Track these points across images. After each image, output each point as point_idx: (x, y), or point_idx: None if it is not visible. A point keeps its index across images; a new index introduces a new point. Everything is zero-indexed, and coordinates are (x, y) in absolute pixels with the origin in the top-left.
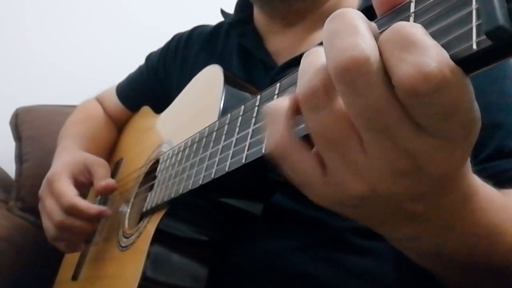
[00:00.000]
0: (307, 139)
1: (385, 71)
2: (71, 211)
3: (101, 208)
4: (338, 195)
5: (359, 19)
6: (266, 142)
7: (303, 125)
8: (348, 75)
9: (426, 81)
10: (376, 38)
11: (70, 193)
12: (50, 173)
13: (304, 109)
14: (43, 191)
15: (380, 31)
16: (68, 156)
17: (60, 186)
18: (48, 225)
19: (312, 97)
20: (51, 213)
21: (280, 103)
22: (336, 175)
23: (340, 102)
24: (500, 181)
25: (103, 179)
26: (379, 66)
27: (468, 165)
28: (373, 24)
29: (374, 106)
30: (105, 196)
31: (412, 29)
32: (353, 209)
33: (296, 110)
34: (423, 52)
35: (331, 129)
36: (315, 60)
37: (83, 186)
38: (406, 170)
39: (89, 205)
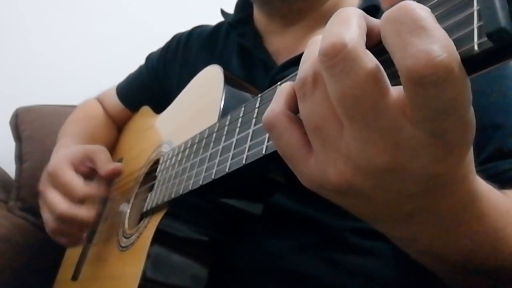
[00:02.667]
0: None
1: (366, 60)
2: (88, 198)
3: (114, 166)
4: (319, 179)
5: (354, 14)
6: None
7: None
8: (326, 60)
9: (435, 71)
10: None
11: (80, 183)
12: (50, 166)
13: (297, 96)
14: (43, 184)
15: None
16: (67, 150)
17: (68, 178)
18: (48, 218)
19: (302, 85)
20: (53, 205)
21: (286, 83)
22: (319, 159)
23: (323, 90)
24: (500, 181)
25: (106, 164)
26: (358, 54)
27: (470, 170)
28: (375, 20)
29: (350, 92)
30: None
31: (423, 12)
32: (336, 196)
33: None
34: (434, 40)
35: (314, 116)
36: (314, 50)
37: (84, 176)
38: (386, 166)
39: (99, 186)
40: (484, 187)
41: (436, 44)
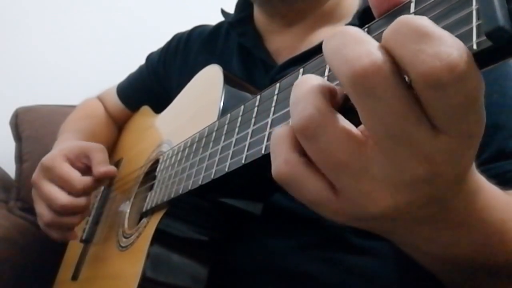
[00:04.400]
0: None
1: (399, 72)
2: (87, 190)
3: (108, 169)
4: (354, 213)
5: (361, 31)
6: (272, 168)
7: None
8: (367, 81)
9: (451, 71)
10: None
11: (78, 175)
12: (45, 159)
13: (303, 141)
14: (39, 177)
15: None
16: (64, 145)
17: (65, 171)
18: (44, 211)
19: (310, 126)
20: (52, 198)
21: (283, 128)
22: (349, 195)
23: (341, 123)
24: (502, 182)
25: (102, 163)
26: (393, 68)
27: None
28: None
29: (394, 109)
30: (105, 181)
31: (422, 20)
32: (373, 223)
33: None
34: (440, 41)
35: (334, 152)
36: (304, 88)
37: (79, 171)
38: (425, 177)
39: (96, 174)
40: (483, 179)
41: (443, 45)
